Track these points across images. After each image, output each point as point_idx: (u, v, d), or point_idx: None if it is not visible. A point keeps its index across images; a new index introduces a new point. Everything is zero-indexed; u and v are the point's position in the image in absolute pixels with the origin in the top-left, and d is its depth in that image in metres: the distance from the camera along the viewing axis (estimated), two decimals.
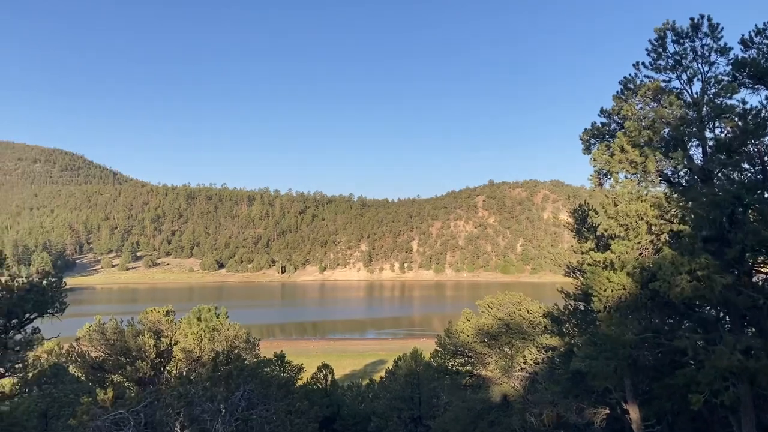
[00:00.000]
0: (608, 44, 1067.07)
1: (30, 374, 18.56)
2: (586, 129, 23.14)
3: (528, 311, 36.68)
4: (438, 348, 40.77)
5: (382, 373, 63.34)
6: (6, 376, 18.99)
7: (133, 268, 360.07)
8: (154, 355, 38.86)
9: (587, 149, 23.05)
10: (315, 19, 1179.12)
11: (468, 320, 38.78)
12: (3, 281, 18.56)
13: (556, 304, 29.52)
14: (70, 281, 24.95)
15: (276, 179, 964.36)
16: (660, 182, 21.07)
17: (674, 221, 20.33)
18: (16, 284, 18.58)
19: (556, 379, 29.03)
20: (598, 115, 22.99)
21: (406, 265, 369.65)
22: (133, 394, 31.67)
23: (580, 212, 26.83)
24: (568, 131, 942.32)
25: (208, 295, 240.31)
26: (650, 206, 20.13)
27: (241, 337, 44.36)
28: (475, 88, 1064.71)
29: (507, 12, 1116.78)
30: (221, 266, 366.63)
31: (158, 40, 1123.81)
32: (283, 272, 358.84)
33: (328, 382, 52.92)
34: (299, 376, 46.69)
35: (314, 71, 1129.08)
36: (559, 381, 28.29)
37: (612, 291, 19.76)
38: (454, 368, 38.95)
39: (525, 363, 34.07)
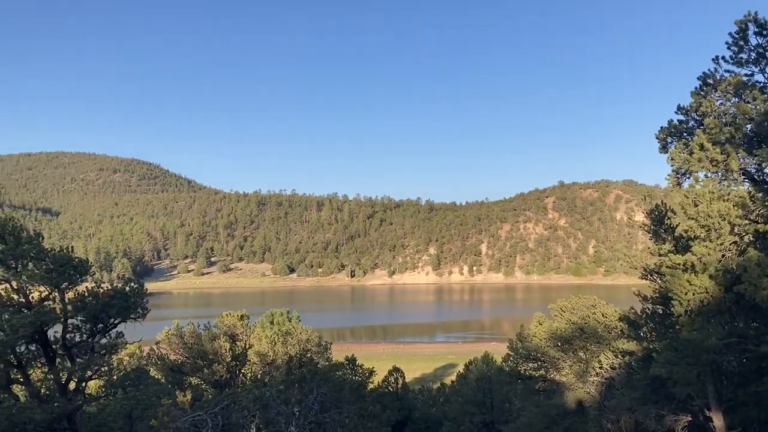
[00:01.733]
0: (685, 39, 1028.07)
1: (115, 377, 19.34)
2: (662, 127, 22.34)
3: (603, 315, 35.68)
4: (510, 352, 40.17)
5: (453, 377, 62.91)
6: (93, 379, 19.86)
7: (207, 273, 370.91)
8: (229, 359, 39.92)
9: (664, 148, 22.25)
10: (379, 25, 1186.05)
11: (540, 324, 38.06)
12: (90, 288, 19.45)
13: (632, 308, 28.58)
14: (149, 286, 25.92)
15: (344, 185, 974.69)
16: (743, 181, 20.13)
17: (759, 221, 19.38)
18: (101, 290, 19.43)
19: (633, 385, 28.09)
20: (675, 112, 22.14)
21: (474, 268, 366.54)
22: (210, 397, 32.60)
23: (656, 213, 25.88)
24: (642, 129, 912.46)
25: (280, 299, 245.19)
26: (733, 206, 19.22)
27: (313, 341, 45.04)
28: (541, 88, 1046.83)
29: (572, 10, 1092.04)
30: (292, 271, 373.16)
31: (226, 50, 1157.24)
32: (352, 276, 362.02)
33: (399, 386, 52.96)
34: (370, 380, 46.90)
35: (379, 76, 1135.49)
36: (637, 387, 27.36)
37: (693, 294, 18.99)
38: (526, 373, 38.28)
39: (600, 368, 33.14)
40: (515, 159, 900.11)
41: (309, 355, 41.05)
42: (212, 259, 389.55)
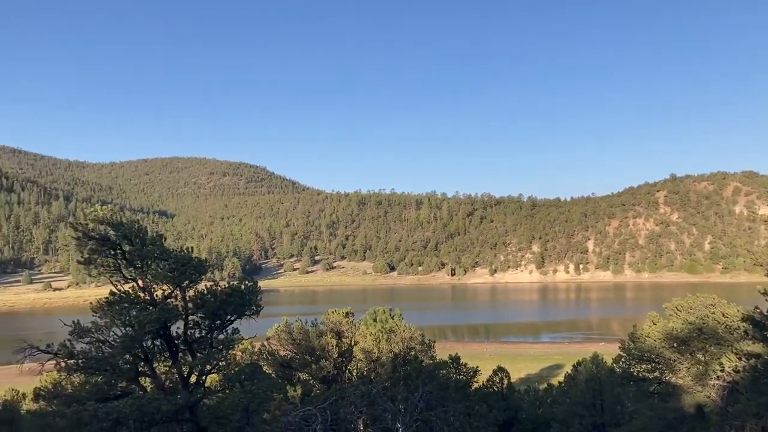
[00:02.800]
0: None
1: (232, 371, 20.25)
2: None
3: (723, 314, 33.63)
4: (621, 353, 38.66)
5: (560, 378, 61.27)
6: (212, 373, 20.89)
7: (312, 271, 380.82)
8: (336, 355, 40.82)
9: None
10: (485, 27, 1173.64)
11: (654, 324, 36.37)
12: (208, 286, 20.48)
13: (757, 307, 26.80)
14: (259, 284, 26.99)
15: (442, 183, 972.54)
16: None
17: None
18: (218, 289, 20.40)
19: (760, 390, 26.35)
20: None
21: (581, 266, 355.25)
22: (318, 392, 33.47)
23: None
24: (757, 118, 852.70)
25: (381, 296, 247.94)
26: None
27: (417, 339, 45.15)
28: (653, 80, 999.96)
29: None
30: (392, 269, 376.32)
31: (328, 55, 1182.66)
32: (453, 275, 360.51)
33: (504, 386, 52.20)
34: (475, 379, 46.52)
35: (476, 74, 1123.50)
36: (765, 391, 25.66)
37: None
38: (639, 374, 36.68)
39: (722, 371, 31.25)
40: (623, 152, 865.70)
41: (413, 353, 41.28)
42: (316, 258, 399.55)
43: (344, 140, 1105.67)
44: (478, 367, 47.86)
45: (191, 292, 20.51)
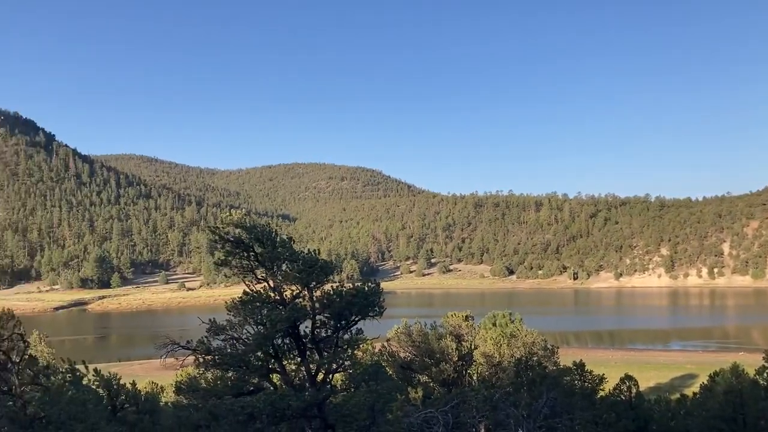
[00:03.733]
0: None
1: (357, 371, 20.71)
2: None
3: None
4: (766, 364, 35.84)
5: (693, 389, 57.60)
6: (338, 372, 21.46)
7: (428, 273, 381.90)
8: (456, 358, 40.76)
9: None
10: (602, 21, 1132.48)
11: None
12: (334, 287, 21.08)
13: None
14: None
15: (563, 183, 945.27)
16: None
17: None
18: (344, 289, 20.95)
19: None
20: None
21: (716, 270, 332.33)
22: (439, 394, 33.50)
23: None
24: None
25: (499, 300, 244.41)
26: None
27: (539, 344, 44.17)
28: None
29: None
30: (511, 272, 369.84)
31: (440, 56, 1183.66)
32: (575, 279, 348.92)
33: (633, 395, 49.79)
34: (600, 387, 44.75)
35: (600, 69, 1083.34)
36: None
37: None
38: None
39: None
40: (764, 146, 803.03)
41: (535, 358, 40.40)
42: (432, 261, 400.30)
43: (459, 142, 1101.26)
44: (604, 374, 45.99)
45: (318, 293, 21.20)
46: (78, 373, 20.36)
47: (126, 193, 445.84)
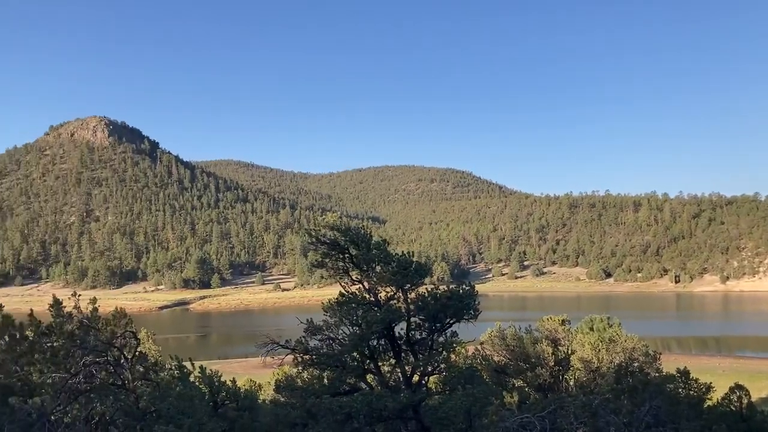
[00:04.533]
0: None
1: (453, 374, 20.59)
2: None
3: None
4: None
5: None
6: (433, 374, 21.42)
7: (521, 276, 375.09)
8: (552, 363, 39.69)
9: None
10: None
11: None
12: (429, 289, 21.06)
13: None
14: None
15: (663, 183, 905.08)
16: None
17: None
18: (438, 292, 20.89)
19: None
20: None
21: None
22: (534, 400, 32.78)
23: None
24: None
25: (596, 304, 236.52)
26: None
27: (640, 350, 42.31)
28: None
29: None
30: (608, 275, 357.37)
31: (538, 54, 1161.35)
32: (676, 282, 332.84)
33: (743, 406, 46.90)
34: (707, 396, 42.38)
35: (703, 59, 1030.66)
36: None
37: None
38: None
39: None
40: None
41: (636, 364, 38.79)
42: (525, 263, 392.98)
43: (551, 142, 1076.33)
44: (711, 383, 43.54)
45: (412, 295, 21.24)
46: (185, 370, 21.31)
47: (224, 197, 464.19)
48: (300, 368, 23.06)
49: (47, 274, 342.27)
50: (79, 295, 25.90)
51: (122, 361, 19.98)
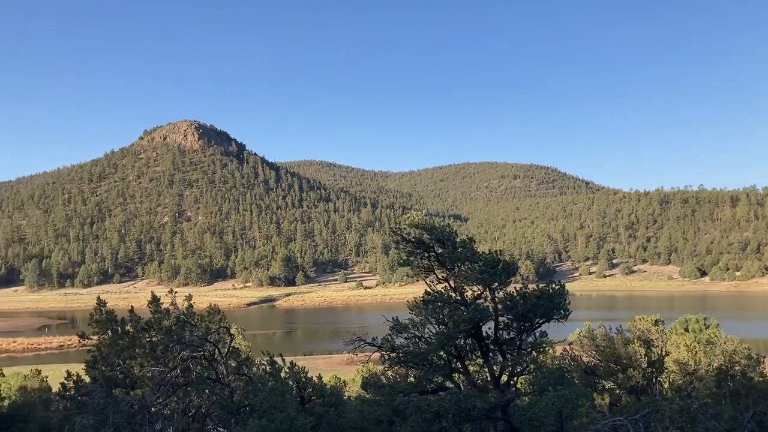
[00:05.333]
0: None
1: (543, 375, 20.16)
2: None
3: None
4: None
5: None
6: (522, 374, 21.04)
7: (609, 275, 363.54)
8: (645, 365, 38.20)
9: None
10: None
11: None
12: (518, 288, 20.70)
13: None
14: None
15: (764, 176, 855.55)
16: None
17: None
18: (528, 291, 20.50)
19: None
20: None
21: None
22: (627, 402, 31.64)
23: None
24: None
25: (689, 304, 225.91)
26: None
27: (741, 353, 40.07)
28: None
29: None
30: (703, 274, 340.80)
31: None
32: None
33: None
34: None
35: None
36: None
37: None
38: None
39: None
40: None
41: (738, 367, 36.75)
42: (613, 261, 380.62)
43: (641, 136, 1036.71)
44: None
45: (500, 294, 20.93)
46: (276, 365, 21.86)
47: (308, 196, 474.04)
48: (386, 366, 23.15)
49: (143, 272, 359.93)
50: (176, 292, 27.06)
51: (216, 355, 20.71)
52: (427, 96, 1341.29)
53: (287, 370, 22.50)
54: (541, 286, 20.82)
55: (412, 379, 22.88)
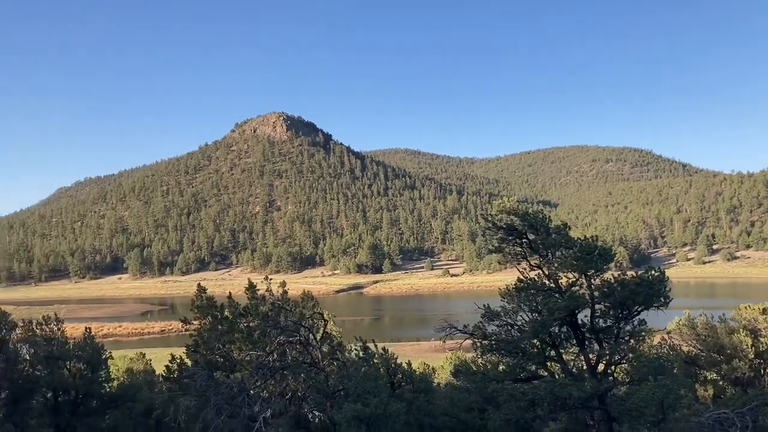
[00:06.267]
0: None
1: (641, 364, 19.49)
2: None
3: None
4: None
5: None
6: (620, 363, 20.44)
7: (709, 261, 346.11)
8: (752, 355, 36.20)
9: None
10: None
11: None
12: (615, 275, 20.08)
13: None
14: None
15: None
16: None
17: None
18: (626, 278, 19.86)
19: None
20: None
21: None
22: (733, 394, 30.14)
23: None
24: None
25: None
26: None
27: None
28: None
29: None
30: None
31: None
32: None
33: None
34: None
35: None
36: None
37: None
38: None
39: None
40: None
41: None
42: (714, 247, 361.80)
43: (742, 114, 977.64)
44: None
45: (597, 281, 20.36)
46: (369, 351, 22.19)
47: (393, 185, 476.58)
48: (477, 353, 23.05)
49: (237, 260, 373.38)
50: (271, 279, 27.93)
51: (311, 340, 21.25)
52: (513, 80, 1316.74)
53: (379, 356, 22.79)
54: (639, 272, 20.08)
55: (502, 368, 22.68)
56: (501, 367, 22.95)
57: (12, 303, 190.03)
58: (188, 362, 28.79)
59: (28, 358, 28.68)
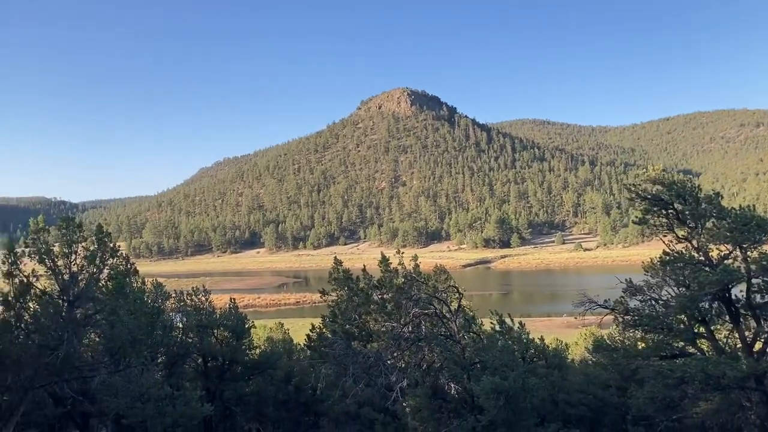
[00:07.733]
0: None
1: None
2: None
3: None
4: None
5: None
6: None
7: None
8: None
9: None
10: None
11: None
12: None
13: None
14: None
15: None
16: None
17: None
18: None
19: None
20: None
21: None
22: None
23: None
24: None
25: None
26: None
27: None
28: None
29: None
30: None
31: None
32: None
33: None
34: None
35: None
36: None
37: None
38: None
39: None
40: None
41: None
42: None
43: None
44: None
45: (754, 254, 18.87)
46: (505, 325, 22.02)
47: (521, 157, 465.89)
48: (618, 329, 22.20)
49: (365, 235, 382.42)
50: (402, 253, 28.36)
51: (447, 312, 21.39)
52: (650, 39, 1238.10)
53: (516, 330, 22.54)
54: None
55: (642, 344, 21.71)
56: (640, 345, 21.99)
57: (163, 275, 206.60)
58: (326, 332, 30.00)
59: (180, 326, 30.93)
